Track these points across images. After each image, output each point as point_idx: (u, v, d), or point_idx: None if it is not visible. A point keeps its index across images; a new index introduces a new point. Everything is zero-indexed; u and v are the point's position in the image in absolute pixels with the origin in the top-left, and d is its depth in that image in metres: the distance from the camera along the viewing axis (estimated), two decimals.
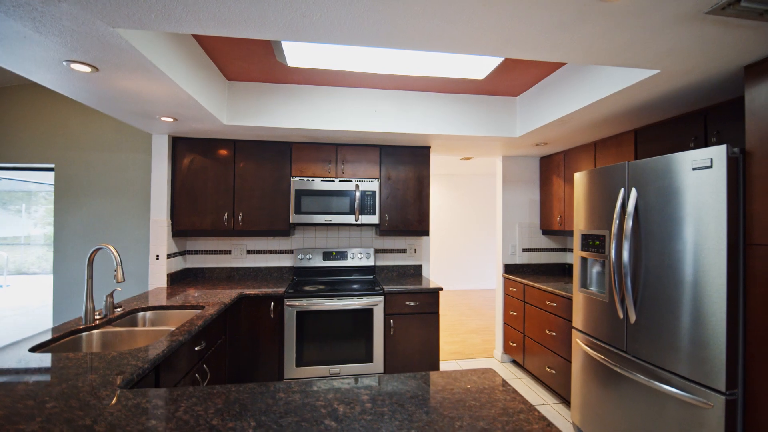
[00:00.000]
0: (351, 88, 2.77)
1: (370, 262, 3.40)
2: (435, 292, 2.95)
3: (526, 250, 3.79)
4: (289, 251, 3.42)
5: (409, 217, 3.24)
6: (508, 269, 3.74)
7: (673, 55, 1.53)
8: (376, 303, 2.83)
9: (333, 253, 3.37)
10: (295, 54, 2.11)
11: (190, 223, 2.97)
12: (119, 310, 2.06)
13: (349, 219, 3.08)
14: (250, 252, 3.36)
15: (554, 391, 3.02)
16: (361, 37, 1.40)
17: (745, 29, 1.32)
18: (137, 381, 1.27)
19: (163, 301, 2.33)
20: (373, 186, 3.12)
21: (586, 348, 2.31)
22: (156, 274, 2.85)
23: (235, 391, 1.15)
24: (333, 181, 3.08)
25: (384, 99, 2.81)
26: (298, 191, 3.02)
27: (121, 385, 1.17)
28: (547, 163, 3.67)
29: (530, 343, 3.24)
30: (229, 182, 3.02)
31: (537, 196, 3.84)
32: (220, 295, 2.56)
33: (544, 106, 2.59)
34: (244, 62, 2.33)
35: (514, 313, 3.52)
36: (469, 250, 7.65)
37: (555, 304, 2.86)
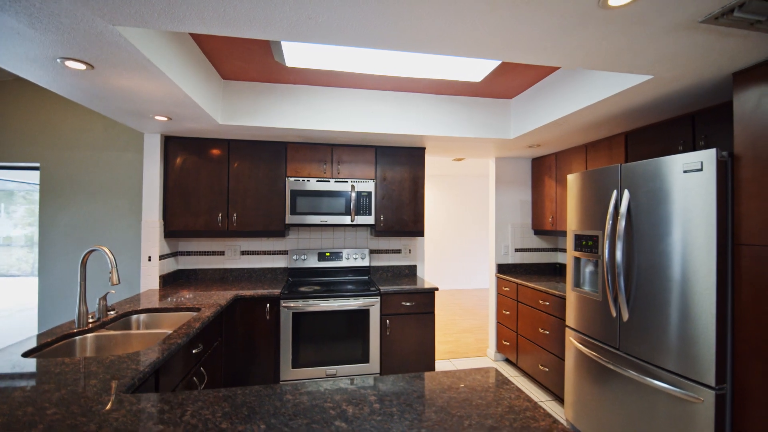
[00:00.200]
0: (348, 88, 2.77)
1: (365, 263, 3.40)
2: (431, 293, 2.97)
3: (519, 250, 3.85)
4: (283, 252, 3.39)
5: (405, 218, 3.26)
6: (501, 269, 3.79)
7: (667, 62, 1.58)
8: (373, 303, 2.84)
9: (327, 254, 3.35)
10: (294, 54, 2.10)
11: (183, 224, 2.92)
12: (112, 312, 2.01)
13: (345, 219, 3.07)
14: (243, 253, 3.33)
15: (547, 389, 3.08)
16: (366, 39, 1.40)
17: (736, 38, 1.37)
18: (139, 385, 1.25)
19: (157, 304, 2.28)
20: (368, 186, 3.13)
21: (579, 346, 2.36)
22: (148, 276, 2.79)
23: (241, 393, 1.14)
24: (329, 181, 3.07)
25: (380, 100, 2.81)
26: (293, 191, 3.00)
27: (123, 389, 1.15)
28: (539, 165, 3.73)
29: (523, 341, 3.29)
30: (223, 182, 2.98)
31: (529, 197, 3.90)
32: (215, 296, 2.52)
33: (539, 108, 2.64)
34: (241, 61, 2.30)
35: (507, 313, 3.57)
36: (459, 250, 7.72)
37: (548, 303, 2.92)
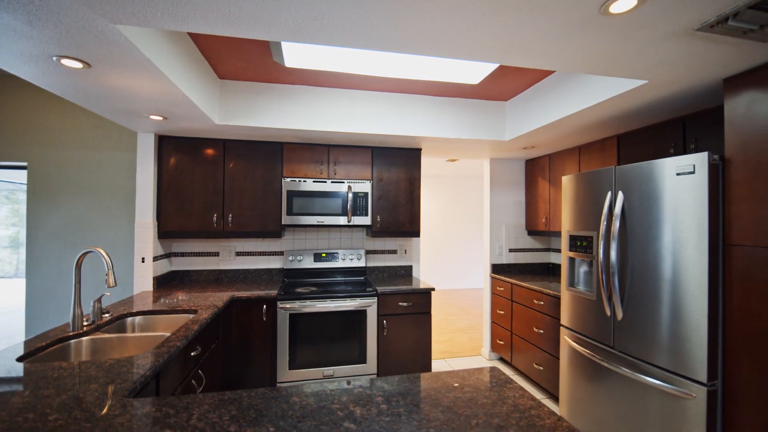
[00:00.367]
0: (345, 89, 2.77)
1: (361, 264, 3.41)
2: (427, 293, 2.99)
3: (513, 250, 3.89)
4: (279, 253, 3.37)
5: (401, 218, 3.27)
6: (496, 269, 3.83)
7: (662, 67, 1.62)
8: (370, 304, 2.84)
9: (323, 255, 3.35)
10: (294, 55, 2.09)
11: (177, 225, 2.88)
12: (107, 315, 1.98)
13: (341, 220, 3.07)
14: (239, 254, 3.30)
15: (542, 387, 3.12)
16: (369, 41, 1.41)
17: (728, 45, 1.42)
18: (140, 389, 1.24)
19: (151, 306, 2.25)
20: (365, 187, 3.13)
21: (573, 344, 2.40)
22: (141, 277, 2.74)
23: (247, 396, 1.13)
24: (325, 182, 3.06)
25: (377, 101, 2.82)
26: (289, 192, 2.99)
27: (125, 393, 1.13)
28: (533, 166, 3.79)
29: (518, 340, 3.33)
30: (219, 183, 2.95)
31: (523, 198, 3.95)
32: (211, 298, 2.50)
33: (534, 111, 2.68)
34: (239, 61, 2.28)
35: (502, 312, 3.61)
36: (453, 250, 7.77)
37: (542, 303, 2.96)
